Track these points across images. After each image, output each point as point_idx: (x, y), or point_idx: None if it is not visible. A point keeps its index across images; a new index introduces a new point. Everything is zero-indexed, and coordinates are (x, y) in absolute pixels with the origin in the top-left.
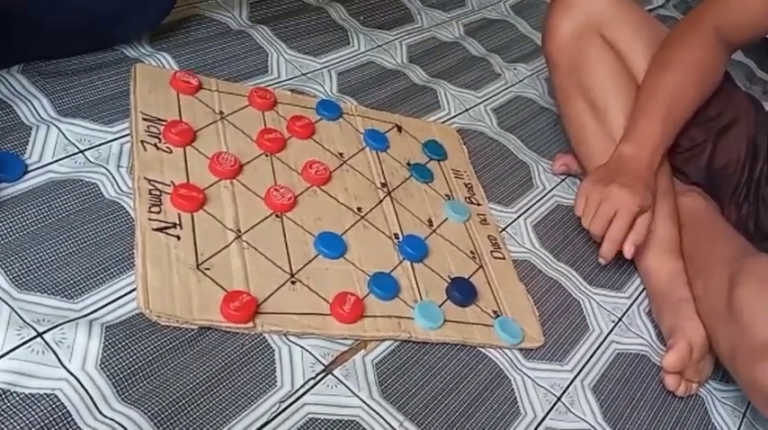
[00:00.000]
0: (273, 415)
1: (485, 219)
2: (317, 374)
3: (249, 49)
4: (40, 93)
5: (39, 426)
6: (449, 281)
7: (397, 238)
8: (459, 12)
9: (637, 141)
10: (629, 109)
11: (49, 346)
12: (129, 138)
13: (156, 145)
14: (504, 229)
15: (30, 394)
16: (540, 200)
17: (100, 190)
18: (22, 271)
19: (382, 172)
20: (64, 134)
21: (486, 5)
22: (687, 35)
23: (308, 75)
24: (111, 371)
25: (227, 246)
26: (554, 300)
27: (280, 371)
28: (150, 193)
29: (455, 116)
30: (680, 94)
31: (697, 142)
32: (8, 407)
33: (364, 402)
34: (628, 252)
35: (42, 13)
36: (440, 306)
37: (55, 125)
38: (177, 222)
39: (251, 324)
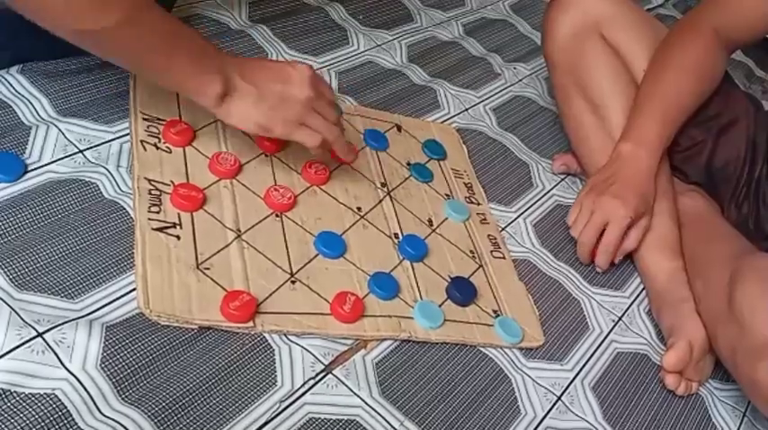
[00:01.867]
0: (273, 414)
1: (485, 219)
2: (318, 374)
3: (249, 49)
4: (39, 92)
5: (39, 426)
6: (449, 280)
7: (397, 238)
8: (458, 11)
9: (636, 140)
10: (629, 108)
11: (50, 346)
12: (128, 137)
13: (155, 145)
14: (503, 229)
15: (30, 394)
16: (539, 199)
17: (99, 190)
18: (22, 271)
19: (382, 171)
20: (63, 134)
21: (486, 5)
22: (686, 35)
23: None
24: (112, 370)
25: (227, 245)
26: (554, 300)
27: (280, 371)
28: (150, 193)
29: (455, 116)
30: (679, 94)
31: (696, 141)
32: (8, 407)
33: (364, 402)
34: (604, 263)
35: None
36: (440, 305)
37: (54, 125)
38: (177, 222)
39: (251, 323)
